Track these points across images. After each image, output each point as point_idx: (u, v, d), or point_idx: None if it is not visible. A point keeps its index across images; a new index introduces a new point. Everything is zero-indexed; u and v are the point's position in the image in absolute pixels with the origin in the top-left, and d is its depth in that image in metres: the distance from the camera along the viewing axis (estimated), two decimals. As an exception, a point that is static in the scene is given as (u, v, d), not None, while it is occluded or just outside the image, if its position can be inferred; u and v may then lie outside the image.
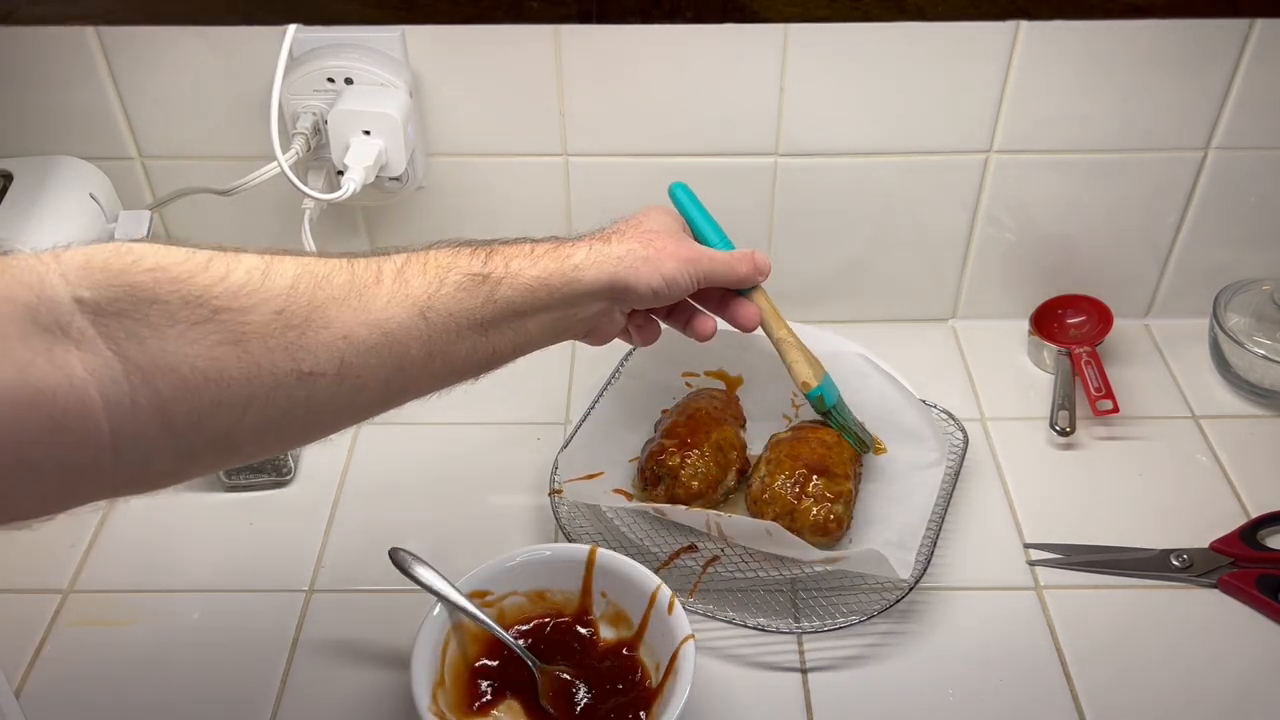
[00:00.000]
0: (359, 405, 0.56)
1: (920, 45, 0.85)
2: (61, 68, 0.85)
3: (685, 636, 0.65)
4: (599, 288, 0.64)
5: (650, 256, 0.65)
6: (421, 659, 0.64)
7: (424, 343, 0.56)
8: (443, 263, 0.58)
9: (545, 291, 0.61)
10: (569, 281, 0.62)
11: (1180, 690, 0.71)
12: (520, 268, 0.61)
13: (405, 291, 0.56)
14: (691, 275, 0.68)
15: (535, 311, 0.62)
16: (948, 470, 0.81)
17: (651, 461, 0.80)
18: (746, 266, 0.72)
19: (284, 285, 0.51)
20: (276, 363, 0.50)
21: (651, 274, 0.65)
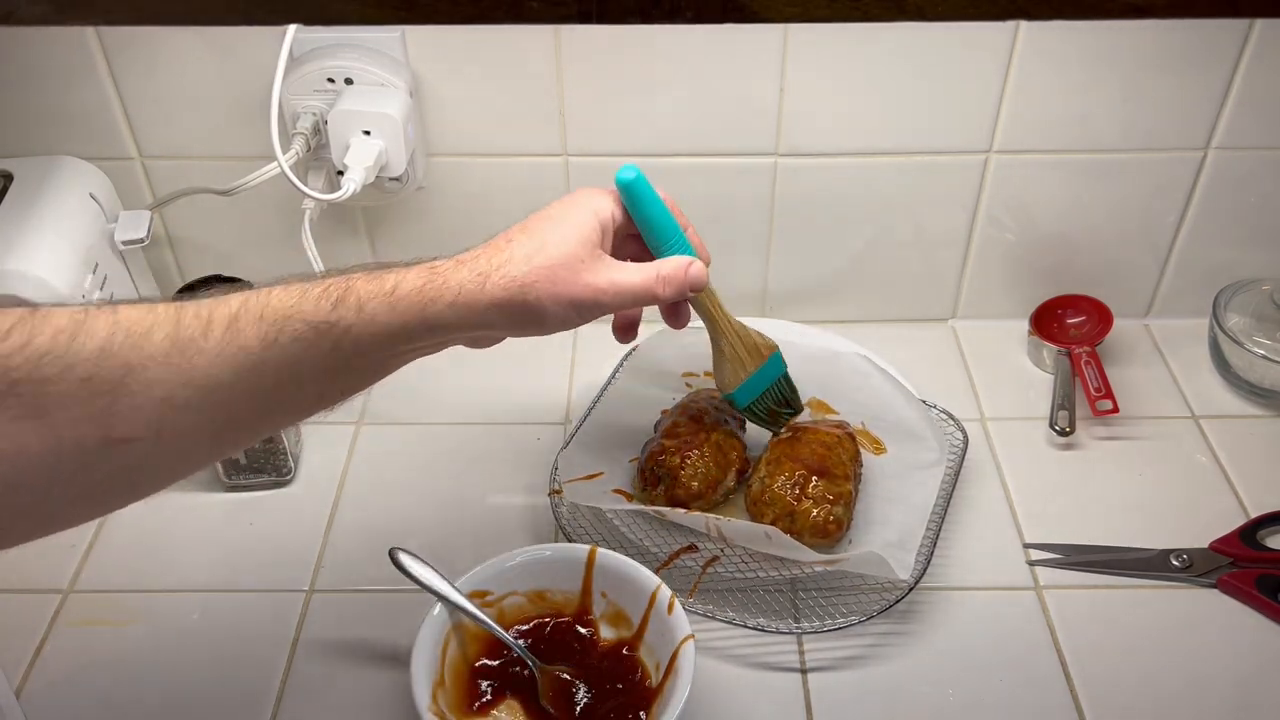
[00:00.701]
0: (192, 462, 0.53)
1: (920, 45, 0.85)
2: (61, 68, 0.85)
3: (685, 636, 0.65)
4: (466, 336, 0.60)
5: (532, 303, 0.58)
6: (421, 659, 0.65)
7: (258, 396, 0.52)
8: (283, 309, 0.53)
9: (404, 337, 0.56)
10: (431, 329, 0.57)
11: (1180, 690, 0.71)
12: (375, 312, 0.54)
13: (237, 344, 0.51)
14: (586, 316, 0.61)
15: (392, 356, 0.57)
16: (947, 470, 0.81)
17: (651, 462, 0.80)
18: (666, 289, 0.64)
19: (93, 349, 0.47)
20: (84, 434, 0.46)
21: (531, 322, 0.59)
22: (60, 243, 0.79)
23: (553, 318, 0.60)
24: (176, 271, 0.98)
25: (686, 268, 0.65)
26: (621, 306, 0.63)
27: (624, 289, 0.62)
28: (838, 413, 0.87)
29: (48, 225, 0.80)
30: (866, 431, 0.85)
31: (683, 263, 0.65)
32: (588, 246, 0.61)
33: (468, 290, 0.57)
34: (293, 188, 0.83)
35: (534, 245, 0.59)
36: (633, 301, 0.63)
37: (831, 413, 0.87)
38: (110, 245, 0.85)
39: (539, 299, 0.58)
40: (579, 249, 0.61)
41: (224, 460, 0.83)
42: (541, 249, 0.59)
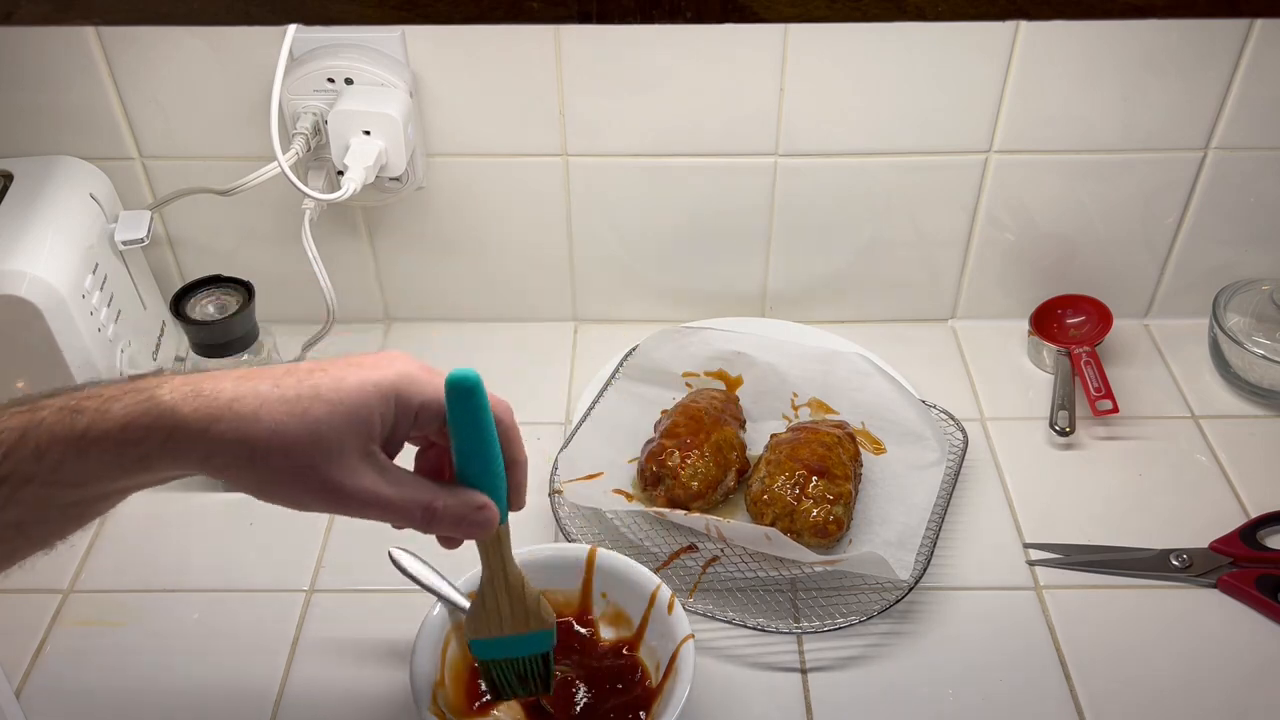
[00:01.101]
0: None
1: (920, 45, 0.85)
2: (61, 68, 0.85)
3: (685, 636, 0.65)
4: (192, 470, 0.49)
5: (250, 474, 0.49)
6: (421, 659, 0.64)
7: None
8: None
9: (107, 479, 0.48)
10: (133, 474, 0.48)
11: (1180, 690, 0.71)
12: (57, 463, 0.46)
13: None
14: (323, 510, 0.51)
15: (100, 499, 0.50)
16: (947, 470, 0.81)
17: (651, 462, 0.80)
18: (432, 526, 0.53)
19: None
20: None
21: (252, 491, 0.51)
22: (60, 243, 0.79)
23: (286, 497, 0.51)
24: (176, 271, 0.98)
25: (473, 511, 0.53)
26: (375, 518, 0.52)
27: (377, 502, 0.51)
28: (838, 413, 0.87)
29: (48, 225, 0.80)
30: (866, 432, 0.85)
31: (470, 503, 0.53)
32: (357, 436, 0.49)
33: (186, 431, 0.47)
34: (293, 188, 0.83)
35: (295, 408, 0.48)
36: (389, 518, 0.53)
37: (831, 413, 0.87)
38: (110, 245, 0.85)
39: (269, 471, 0.49)
40: (347, 435, 0.49)
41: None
42: (300, 416, 0.48)
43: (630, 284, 0.99)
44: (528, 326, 1.01)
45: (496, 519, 0.55)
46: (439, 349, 0.99)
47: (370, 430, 0.50)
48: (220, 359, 0.79)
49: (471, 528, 0.54)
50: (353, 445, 0.50)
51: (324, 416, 0.48)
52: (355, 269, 0.98)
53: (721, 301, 1.00)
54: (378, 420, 0.50)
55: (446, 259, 0.97)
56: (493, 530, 0.55)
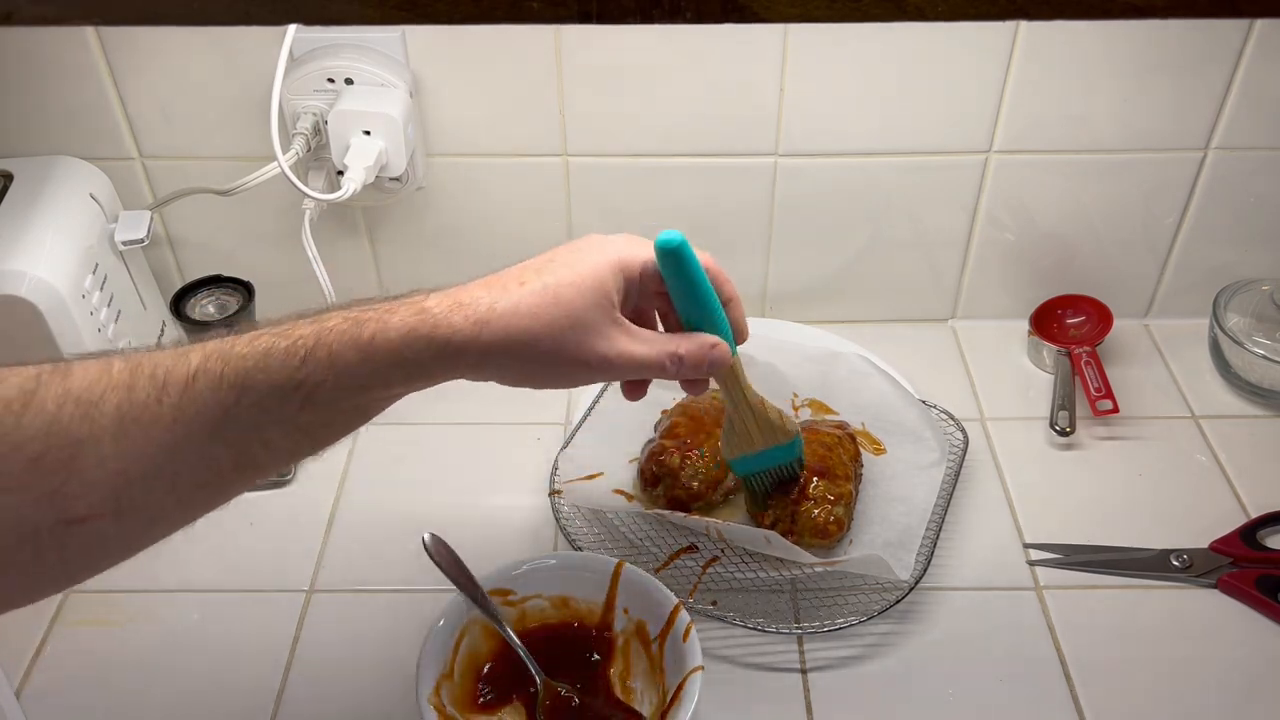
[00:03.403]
0: (160, 531, 0.50)
1: (920, 45, 0.84)
2: (61, 68, 0.85)
3: (694, 667, 0.64)
4: (452, 379, 0.54)
5: (527, 361, 0.54)
6: (430, 649, 0.65)
7: (222, 461, 0.49)
8: (244, 369, 0.48)
9: (383, 385, 0.52)
10: (412, 378, 0.52)
11: (1180, 690, 0.71)
12: (348, 365, 0.50)
13: (195, 410, 0.47)
14: (587, 381, 0.57)
15: (373, 403, 0.54)
16: (947, 471, 0.81)
17: (651, 462, 0.80)
18: (680, 370, 0.58)
19: (43, 424, 0.44)
20: (37, 517, 0.44)
21: (527, 378, 0.55)
22: (60, 243, 0.79)
23: (550, 379, 0.56)
24: (176, 271, 0.98)
25: (708, 350, 0.59)
26: (629, 377, 0.60)
27: (633, 362, 0.56)
28: (838, 413, 0.87)
29: (48, 225, 0.80)
30: (866, 432, 0.85)
31: (704, 344, 0.59)
32: (603, 309, 0.55)
33: (459, 339, 0.51)
34: (293, 188, 0.83)
35: (546, 297, 0.53)
36: (641, 374, 0.59)
37: (831, 413, 0.87)
38: (110, 245, 0.85)
39: (538, 356, 0.53)
40: (594, 310, 0.54)
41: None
42: (555, 303, 0.53)
43: (630, 284, 0.99)
44: (528, 326, 1.01)
45: (729, 354, 0.60)
46: (439, 349, 0.99)
47: (612, 300, 0.55)
48: (220, 359, 0.79)
49: (710, 366, 0.59)
50: (603, 317, 0.55)
51: (574, 298, 0.53)
52: (355, 269, 0.98)
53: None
54: (614, 291, 0.55)
55: (447, 259, 0.97)
56: (728, 364, 0.61)
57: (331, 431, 0.54)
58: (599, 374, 0.56)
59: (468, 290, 0.53)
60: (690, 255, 0.57)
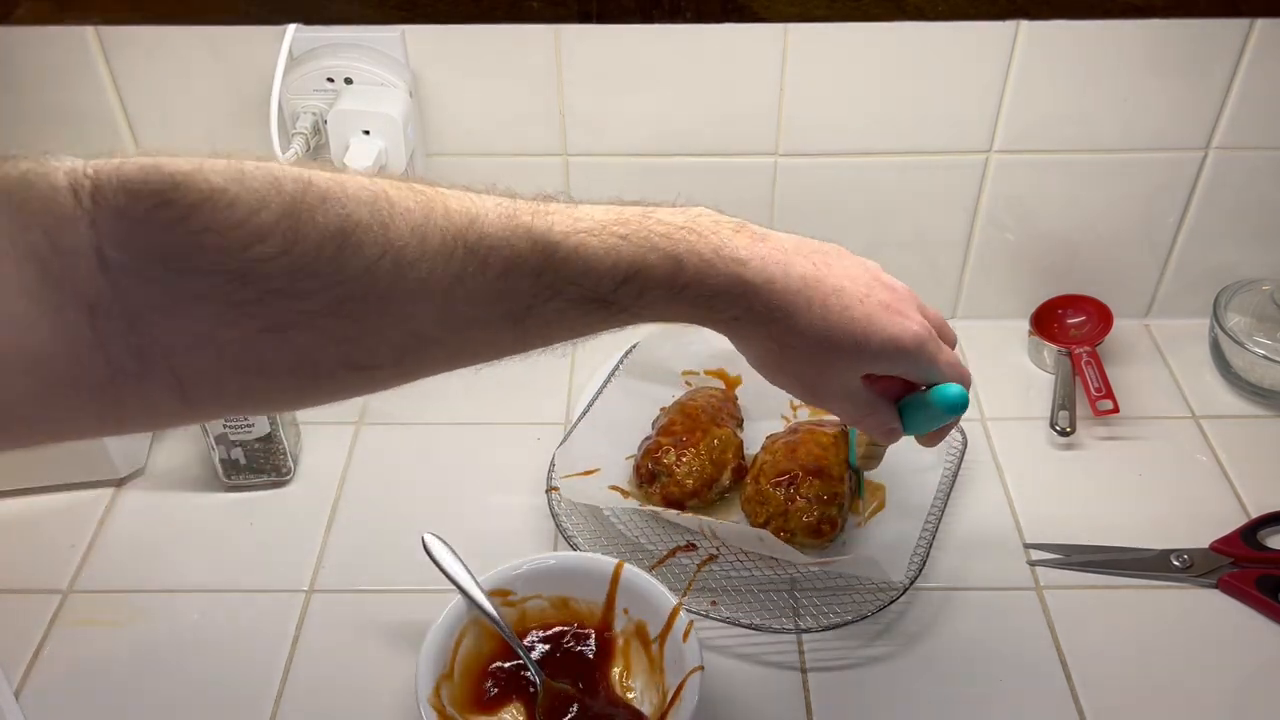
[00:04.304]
0: (419, 377, 0.50)
1: (920, 45, 0.85)
2: (61, 68, 0.85)
3: (695, 667, 0.64)
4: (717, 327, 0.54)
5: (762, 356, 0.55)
6: (430, 650, 0.64)
7: (504, 341, 0.49)
8: (562, 275, 0.48)
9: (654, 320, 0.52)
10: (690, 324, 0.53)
11: (1180, 690, 0.71)
12: (651, 303, 0.50)
13: (510, 299, 0.47)
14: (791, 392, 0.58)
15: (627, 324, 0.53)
16: (946, 472, 0.81)
17: (647, 459, 0.80)
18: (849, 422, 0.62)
19: (360, 268, 0.43)
20: (324, 357, 0.44)
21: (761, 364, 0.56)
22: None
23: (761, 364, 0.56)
24: (176, 271, 0.97)
25: (888, 434, 0.60)
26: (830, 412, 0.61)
27: (839, 410, 0.58)
28: (837, 413, 0.87)
29: (48, 225, 0.80)
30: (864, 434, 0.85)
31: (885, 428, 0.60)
32: (854, 364, 0.55)
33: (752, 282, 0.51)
34: (293, 188, 0.83)
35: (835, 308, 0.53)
36: (838, 415, 0.61)
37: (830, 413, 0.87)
38: (110, 245, 0.85)
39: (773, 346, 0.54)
40: (849, 360, 0.54)
41: (224, 460, 0.83)
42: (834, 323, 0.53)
43: (630, 284, 0.99)
44: (528, 326, 1.01)
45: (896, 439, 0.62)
46: (439, 349, 0.99)
47: (864, 366, 0.55)
48: (220, 359, 0.79)
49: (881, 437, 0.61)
50: (851, 367, 0.55)
51: (851, 348, 0.53)
52: (355, 269, 0.98)
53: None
54: (878, 366, 0.55)
55: (446, 259, 0.97)
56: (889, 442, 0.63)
57: (594, 333, 0.52)
58: (804, 397, 0.58)
59: (784, 269, 0.52)
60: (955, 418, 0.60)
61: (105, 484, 0.85)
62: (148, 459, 0.88)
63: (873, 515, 0.79)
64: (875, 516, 0.79)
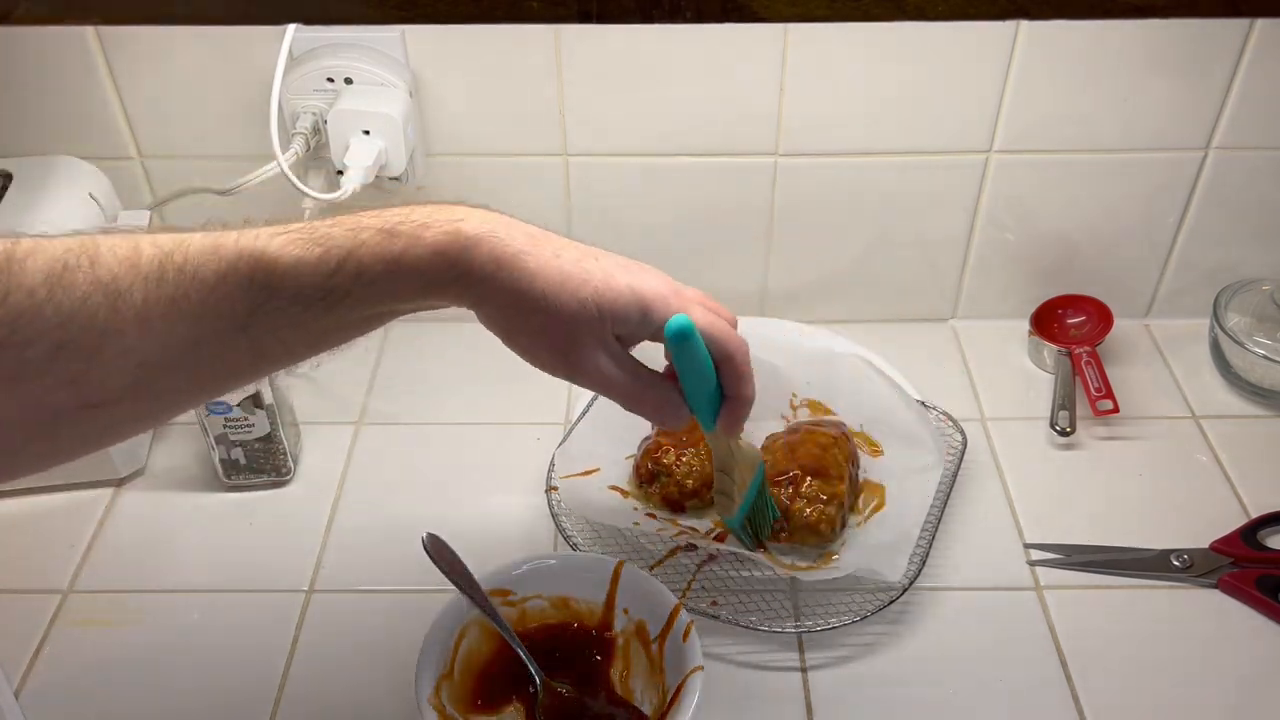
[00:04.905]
0: (172, 413, 0.51)
1: (920, 45, 0.85)
2: (61, 68, 0.85)
3: (694, 667, 0.64)
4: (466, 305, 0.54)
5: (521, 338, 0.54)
6: (430, 649, 0.64)
7: (243, 355, 0.50)
8: (275, 274, 0.49)
9: (403, 301, 0.52)
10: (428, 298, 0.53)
11: (1180, 690, 0.71)
12: (374, 279, 0.50)
13: (221, 308, 0.48)
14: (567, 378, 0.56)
15: (391, 314, 0.54)
16: (946, 472, 0.81)
17: (647, 459, 0.80)
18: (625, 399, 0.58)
19: (69, 312, 0.44)
20: (57, 400, 0.45)
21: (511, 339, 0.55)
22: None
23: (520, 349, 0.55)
24: (176, 271, 0.97)
25: (666, 408, 0.59)
26: (598, 392, 0.58)
27: (606, 383, 0.56)
28: (836, 414, 0.87)
29: (48, 225, 0.80)
30: (864, 434, 0.85)
31: (667, 402, 0.59)
32: (604, 327, 0.54)
33: (479, 273, 0.52)
34: (292, 188, 0.83)
35: (572, 281, 0.53)
36: (609, 395, 0.58)
37: (830, 414, 0.87)
38: (110, 245, 0.85)
39: (525, 325, 0.54)
40: (598, 323, 0.54)
41: (224, 460, 0.83)
42: (575, 291, 0.53)
43: (630, 284, 0.99)
44: (528, 326, 1.01)
45: (684, 421, 0.60)
46: (438, 349, 0.98)
47: (618, 326, 0.55)
48: (220, 359, 0.79)
49: (662, 421, 0.60)
50: (601, 332, 0.54)
51: (589, 299, 0.53)
52: (355, 269, 0.98)
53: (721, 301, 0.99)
54: (622, 322, 0.55)
55: (446, 259, 0.97)
56: (676, 427, 0.61)
57: (345, 335, 0.54)
58: (569, 375, 0.56)
59: (509, 226, 0.54)
60: (692, 345, 0.57)
61: (105, 484, 0.85)
62: (148, 459, 0.88)
63: (872, 515, 0.79)
64: (875, 516, 0.79)
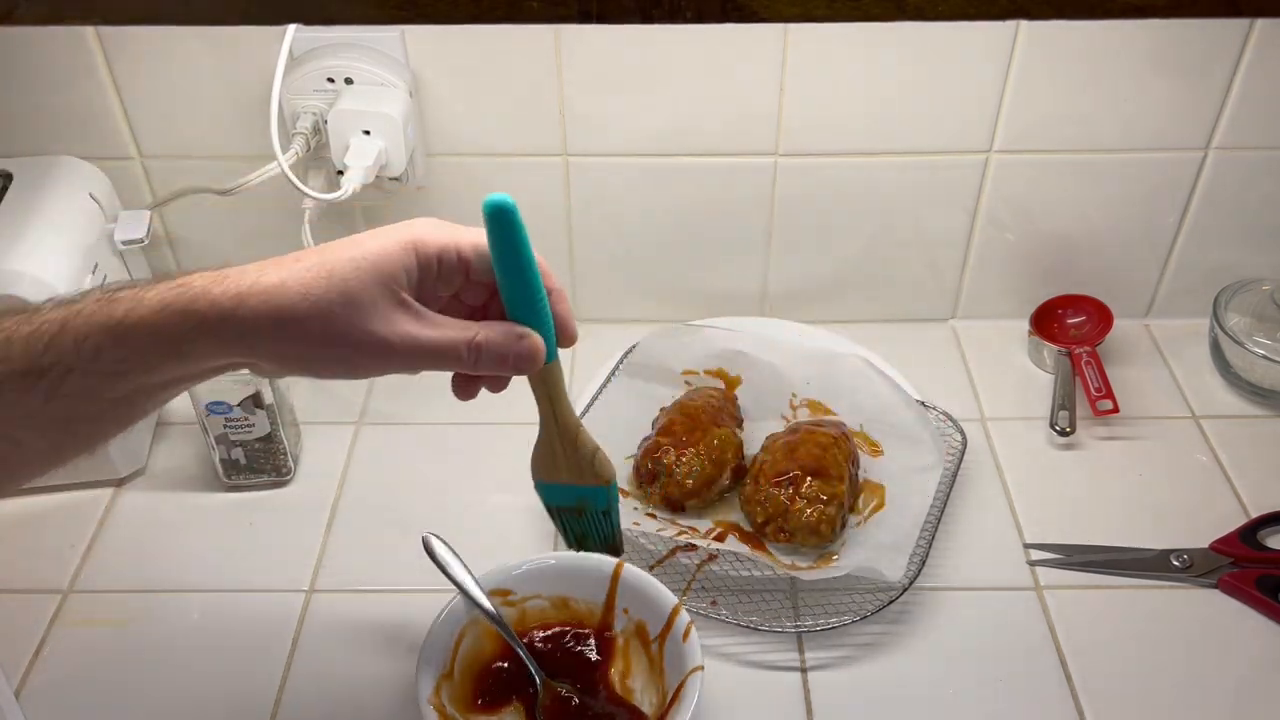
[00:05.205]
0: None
1: (920, 45, 0.85)
2: (61, 68, 0.85)
3: (694, 667, 0.64)
4: (230, 365, 0.51)
5: (294, 339, 0.49)
6: (431, 650, 0.64)
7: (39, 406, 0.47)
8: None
9: (143, 370, 0.49)
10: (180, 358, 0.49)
11: (1180, 690, 0.71)
12: (99, 347, 0.47)
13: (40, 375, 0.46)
14: (369, 367, 0.51)
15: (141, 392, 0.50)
16: (946, 472, 0.81)
17: (647, 459, 0.80)
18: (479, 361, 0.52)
19: None
20: None
21: (295, 362, 0.51)
22: (60, 243, 0.79)
23: (328, 365, 0.51)
24: (176, 271, 0.97)
25: (515, 341, 0.53)
26: (419, 367, 0.52)
27: (419, 347, 0.50)
28: (836, 414, 0.87)
29: (48, 225, 0.80)
30: (864, 434, 0.85)
31: (511, 333, 0.53)
32: (384, 287, 0.49)
33: (218, 311, 0.47)
34: (293, 188, 0.83)
35: (319, 273, 0.49)
36: (432, 363, 0.52)
37: (830, 413, 0.87)
38: (110, 245, 0.85)
39: (304, 337, 0.48)
40: (373, 288, 0.49)
41: (224, 460, 0.83)
42: (326, 278, 0.48)
43: (630, 284, 0.99)
44: (528, 326, 1.01)
45: (541, 349, 0.54)
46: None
47: (396, 279, 0.50)
48: (220, 359, 0.79)
49: (517, 359, 0.53)
50: (383, 296, 0.50)
51: (349, 274, 0.49)
52: (355, 269, 0.98)
53: (721, 301, 1.00)
54: (401, 271, 0.50)
55: (446, 259, 0.97)
56: (539, 362, 0.54)
57: (97, 427, 0.50)
58: (380, 360, 0.51)
59: (239, 267, 0.50)
60: (519, 223, 0.51)
61: (105, 484, 0.85)
62: (148, 459, 0.88)
63: (872, 515, 0.79)
64: (875, 516, 0.79)
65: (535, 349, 0.53)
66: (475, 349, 0.52)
